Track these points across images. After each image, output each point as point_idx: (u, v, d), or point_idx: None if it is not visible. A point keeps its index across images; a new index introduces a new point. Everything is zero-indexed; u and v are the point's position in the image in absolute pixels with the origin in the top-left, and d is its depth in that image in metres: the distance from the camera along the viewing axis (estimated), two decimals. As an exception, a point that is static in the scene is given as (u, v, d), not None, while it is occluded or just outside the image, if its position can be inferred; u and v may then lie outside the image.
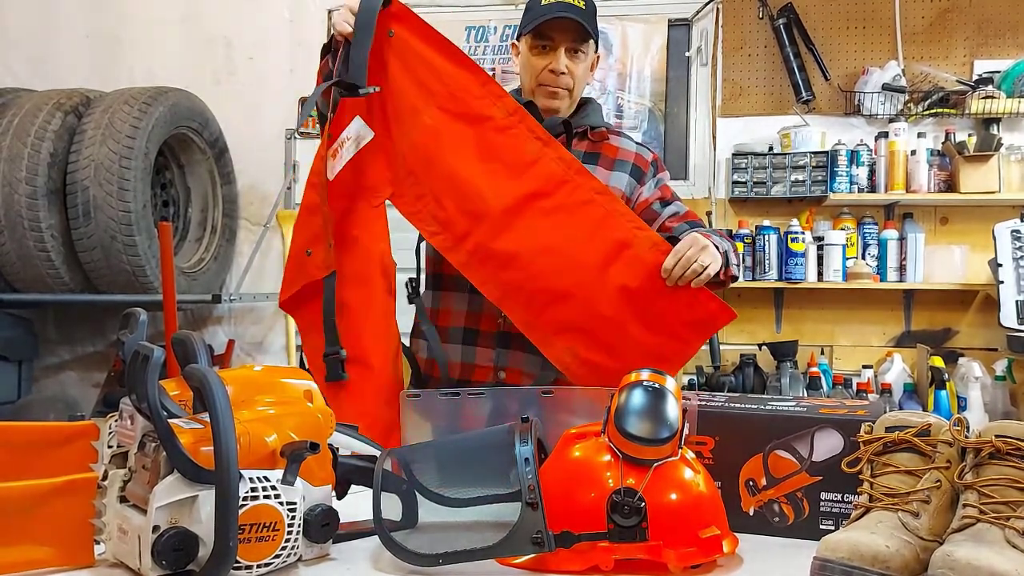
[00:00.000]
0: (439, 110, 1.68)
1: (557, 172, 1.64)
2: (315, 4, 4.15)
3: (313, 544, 1.02)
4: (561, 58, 1.79)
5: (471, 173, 1.66)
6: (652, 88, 3.99)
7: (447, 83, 1.68)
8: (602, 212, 1.63)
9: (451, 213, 1.67)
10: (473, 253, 1.66)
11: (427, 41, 1.70)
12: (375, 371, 1.67)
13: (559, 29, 1.78)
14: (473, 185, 1.66)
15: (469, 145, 1.67)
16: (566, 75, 1.80)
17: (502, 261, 1.64)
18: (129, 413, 0.99)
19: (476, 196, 1.65)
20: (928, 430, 1.02)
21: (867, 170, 3.68)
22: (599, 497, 1.00)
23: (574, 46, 1.80)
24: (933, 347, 3.59)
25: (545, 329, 1.64)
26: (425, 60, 1.70)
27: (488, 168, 1.66)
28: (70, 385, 4.23)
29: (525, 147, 1.65)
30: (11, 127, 3.45)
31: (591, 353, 1.63)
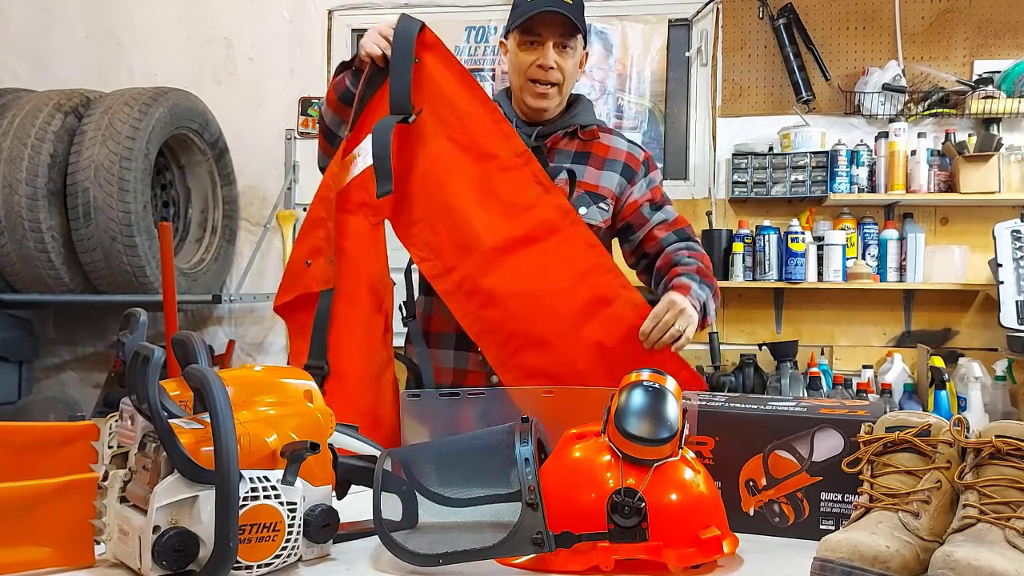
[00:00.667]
0: (448, 140, 1.70)
1: (552, 219, 1.66)
2: (315, 4, 4.15)
3: (313, 544, 1.02)
4: (550, 53, 1.78)
5: (469, 207, 1.67)
6: (652, 88, 3.99)
7: (461, 116, 1.70)
8: (590, 265, 1.65)
9: (444, 242, 1.69)
10: (459, 285, 1.67)
11: (450, 71, 1.72)
12: (349, 388, 1.65)
13: (546, 24, 1.77)
14: (469, 219, 1.67)
15: (472, 179, 1.69)
16: (555, 70, 1.79)
17: (485, 298, 1.65)
18: (129, 413, 0.99)
19: (470, 230, 1.67)
20: (928, 430, 1.02)
21: (867, 170, 3.68)
22: (599, 497, 1.00)
23: (562, 41, 1.79)
24: (933, 347, 3.59)
25: (516, 371, 1.65)
26: (444, 90, 1.71)
27: (486, 205, 1.67)
28: (70, 385, 4.23)
29: (526, 190, 1.67)
30: (11, 128, 3.45)
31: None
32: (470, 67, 4.01)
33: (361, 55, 1.73)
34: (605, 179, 1.86)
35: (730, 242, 3.72)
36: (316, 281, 1.69)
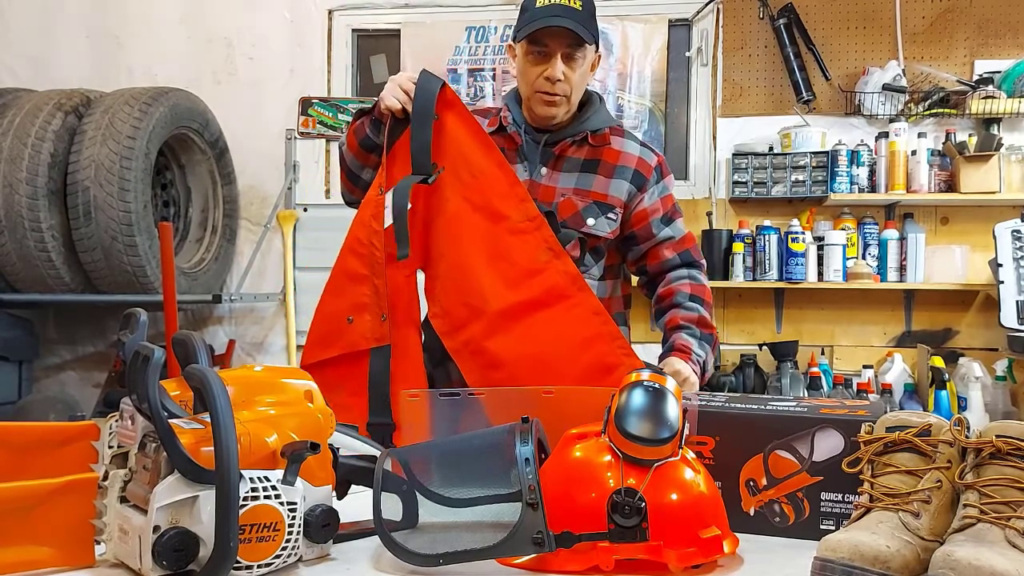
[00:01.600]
0: (464, 199, 1.71)
1: (560, 285, 1.66)
2: (315, 4, 4.16)
3: (313, 544, 1.02)
4: (557, 65, 1.74)
5: (479, 268, 1.69)
6: (652, 88, 3.99)
7: (476, 176, 1.71)
8: (594, 333, 1.65)
9: (453, 302, 1.70)
10: (466, 344, 1.69)
11: (468, 130, 1.74)
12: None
13: (554, 35, 1.73)
14: (478, 280, 1.68)
15: (483, 240, 1.70)
16: (563, 82, 1.75)
17: (490, 360, 1.67)
18: (130, 413, 0.99)
19: (479, 292, 1.68)
20: (929, 430, 1.02)
21: (867, 170, 3.68)
22: (599, 497, 1.00)
23: (570, 51, 1.75)
24: (933, 347, 3.59)
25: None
26: (462, 149, 1.73)
27: (496, 266, 1.69)
28: (70, 385, 4.23)
29: (536, 254, 1.68)
30: (12, 127, 3.45)
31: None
32: (470, 67, 4.05)
33: (381, 108, 1.73)
34: (614, 187, 1.83)
35: (730, 242, 3.72)
36: (365, 338, 1.69)
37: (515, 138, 1.85)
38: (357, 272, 1.71)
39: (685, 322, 1.79)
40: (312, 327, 1.77)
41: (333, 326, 1.72)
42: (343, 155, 1.87)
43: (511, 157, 1.83)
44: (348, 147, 1.84)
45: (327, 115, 4.04)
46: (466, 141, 1.73)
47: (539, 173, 1.83)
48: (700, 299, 1.83)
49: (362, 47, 4.21)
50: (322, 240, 4.04)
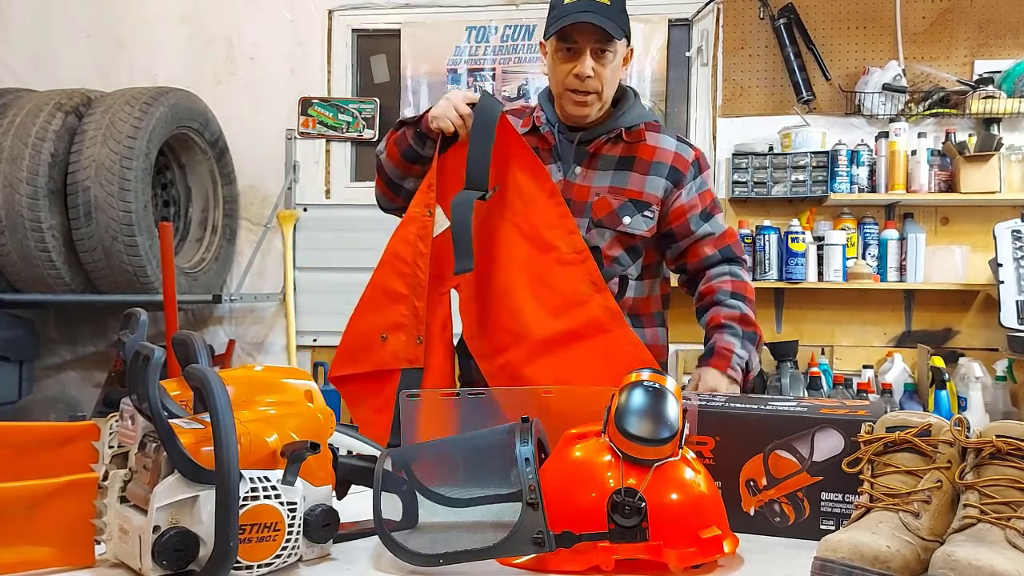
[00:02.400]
0: (513, 225, 1.72)
1: (601, 319, 1.67)
2: (315, 4, 4.16)
3: (313, 544, 1.02)
4: (587, 62, 1.71)
5: (523, 295, 1.70)
6: (652, 88, 3.99)
7: (527, 204, 1.72)
8: (630, 362, 1.64)
9: (494, 325, 1.71)
10: (503, 368, 1.69)
11: (521, 157, 1.73)
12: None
13: (583, 31, 1.70)
14: (521, 307, 1.69)
15: (530, 267, 1.71)
16: (593, 79, 1.73)
17: (525, 385, 1.66)
18: (130, 413, 0.99)
19: (521, 318, 1.68)
20: (929, 430, 1.02)
21: (867, 170, 3.68)
22: (600, 497, 1.00)
23: (600, 47, 1.72)
24: (933, 347, 3.59)
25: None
26: (515, 176, 1.73)
27: (540, 295, 1.69)
28: (71, 385, 4.23)
29: (579, 286, 1.68)
30: (12, 127, 3.45)
31: None
32: (470, 67, 4.05)
33: (431, 125, 1.72)
34: (650, 184, 1.81)
35: (730, 242, 3.72)
36: (397, 358, 1.69)
37: (548, 138, 1.83)
38: (397, 291, 1.71)
39: (727, 320, 1.77)
40: (343, 339, 1.76)
41: (365, 342, 1.72)
42: (382, 163, 1.85)
43: (544, 157, 1.81)
44: (388, 157, 1.82)
45: (327, 115, 4.05)
46: (519, 168, 1.73)
47: (573, 172, 1.81)
48: (742, 296, 1.81)
49: (362, 47, 4.21)
50: (322, 240, 4.06)
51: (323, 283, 3.97)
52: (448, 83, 4.07)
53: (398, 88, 4.11)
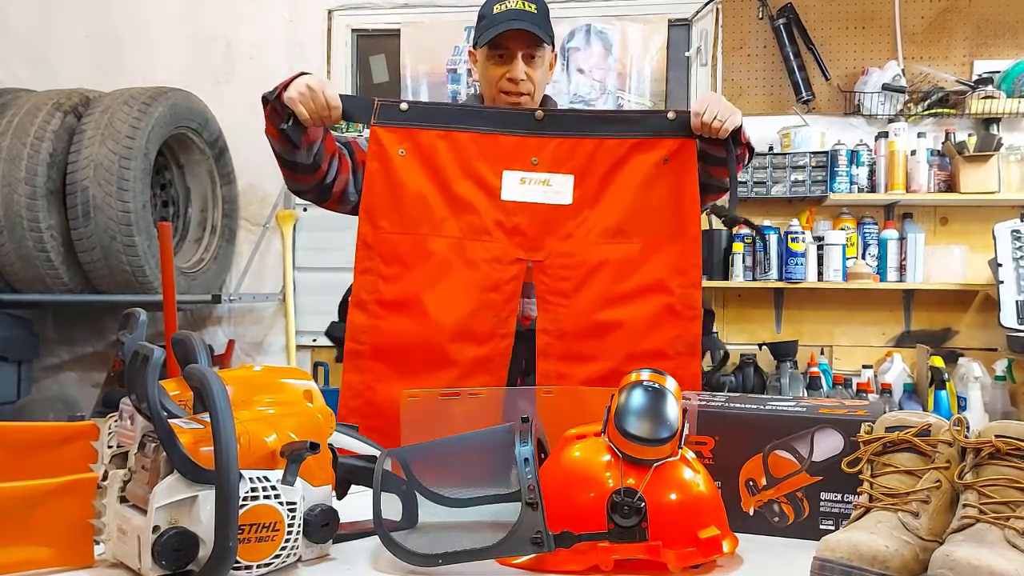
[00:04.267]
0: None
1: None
2: (315, 4, 4.16)
3: (313, 544, 1.02)
4: (519, 66, 1.83)
5: (616, 319, 1.75)
6: (652, 88, 3.99)
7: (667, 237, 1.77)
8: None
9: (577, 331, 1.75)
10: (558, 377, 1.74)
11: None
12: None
13: (513, 38, 1.82)
14: (608, 331, 1.75)
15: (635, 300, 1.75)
16: (525, 81, 1.85)
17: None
18: (129, 413, 0.99)
19: (605, 340, 1.74)
20: (928, 430, 1.02)
21: (867, 170, 3.68)
22: (599, 497, 1.00)
23: (530, 52, 1.84)
24: (933, 347, 3.59)
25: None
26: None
27: (632, 331, 1.76)
28: (70, 385, 4.23)
29: (674, 344, 1.77)
30: (11, 127, 3.44)
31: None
32: (469, 67, 4.04)
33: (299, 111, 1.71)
34: None
35: (730, 242, 3.73)
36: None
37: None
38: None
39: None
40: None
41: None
42: (270, 143, 1.86)
43: None
44: (268, 134, 1.83)
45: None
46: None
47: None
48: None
49: (362, 47, 4.21)
50: (322, 240, 4.05)
51: (322, 283, 3.95)
52: (448, 83, 4.07)
53: (398, 88, 4.11)
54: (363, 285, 1.75)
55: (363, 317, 1.74)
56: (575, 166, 1.75)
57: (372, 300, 1.74)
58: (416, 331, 1.72)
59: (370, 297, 1.74)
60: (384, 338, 1.73)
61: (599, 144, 1.76)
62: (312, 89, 1.69)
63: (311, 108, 1.69)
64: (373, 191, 1.76)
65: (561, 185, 1.75)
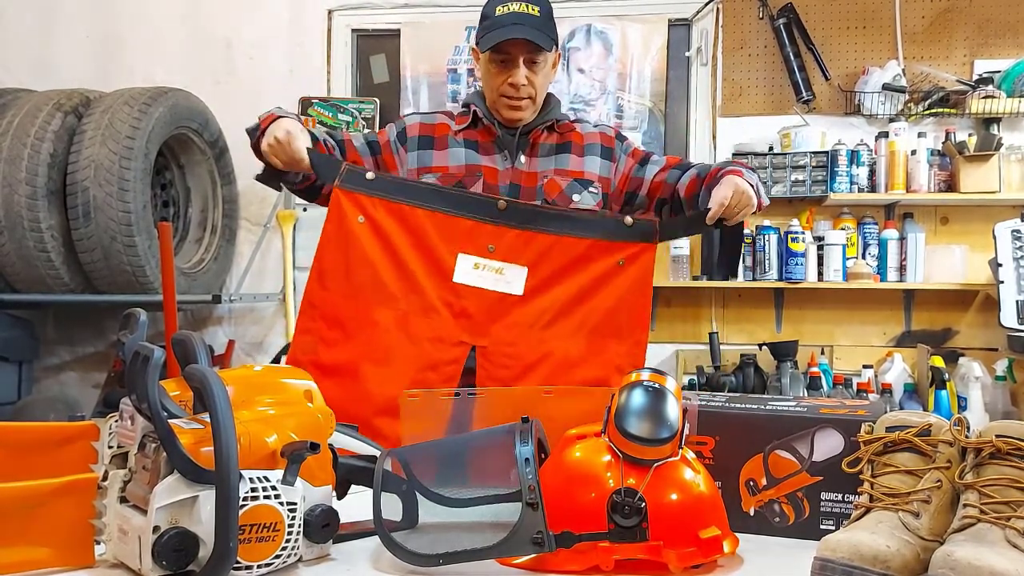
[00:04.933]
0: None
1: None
2: (315, 4, 4.16)
3: (313, 544, 1.02)
4: (520, 72, 1.84)
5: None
6: (652, 88, 3.99)
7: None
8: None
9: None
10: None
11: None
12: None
13: (515, 43, 1.82)
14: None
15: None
16: (527, 86, 1.86)
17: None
18: (129, 413, 0.99)
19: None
20: (928, 430, 1.02)
21: (867, 170, 3.68)
22: (599, 497, 1.00)
23: (531, 57, 1.85)
24: (933, 347, 3.59)
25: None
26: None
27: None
28: (70, 385, 4.23)
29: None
30: (11, 128, 3.44)
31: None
32: (469, 67, 4.05)
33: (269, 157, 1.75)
34: (588, 164, 1.94)
35: (730, 242, 3.72)
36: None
37: (491, 130, 1.93)
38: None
39: (722, 165, 1.86)
40: None
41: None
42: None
43: (489, 147, 1.93)
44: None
45: (327, 115, 4.04)
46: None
47: (519, 161, 1.93)
48: (725, 163, 1.91)
49: (362, 47, 4.21)
50: (322, 240, 4.05)
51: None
52: (448, 83, 4.07)
53: (398, 88, 4.11)
54: (301, 345, 1.76)
55: None
56: (530, 259, 1.77)
57: (308, 361, 1.72)
58: (346, 400, 1.66)
59: (307, 359, 1.73)
60: None
61: (556, 240, 1.78)
62: (279, 142, 1.72)
63: (282, 159, 1.73)
64: (325, 252, 1.78)
65: (514, 276, 1.77)
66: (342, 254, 1.77)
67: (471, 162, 1.92)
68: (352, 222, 1.77)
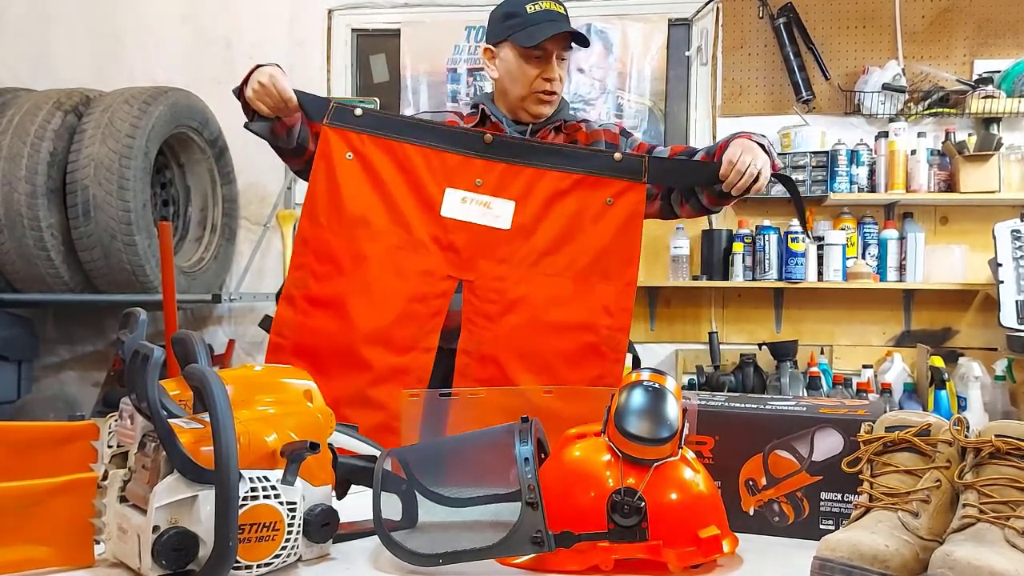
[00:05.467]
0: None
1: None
2: (315, 4, 4.15)
3: (313, 544, 1.02)
4: (555, 67, 1.90)
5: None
6: (652, 88, 3.99)
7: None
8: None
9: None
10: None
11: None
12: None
13: (552, 40, 1.86)
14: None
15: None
16: (557, 81, 1.91)
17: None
18: (129, 413, 0.98)
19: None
20: (928, 430, 1.02)
21: (867, 170, 3.68)
22: (599, 497, 1.00)
23: (561, 54, 1.91)
24: (933, 347, 3.59)
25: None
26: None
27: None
28: (70, 385, 4.23)
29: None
30: (11, 126, 3.44)
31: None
32: (470, 67, 4.05)
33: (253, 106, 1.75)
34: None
35: (730, 242, 3.73)
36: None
37: (499, 126, 1.95)
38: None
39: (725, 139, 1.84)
40: None
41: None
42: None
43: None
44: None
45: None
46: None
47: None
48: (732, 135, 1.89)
49: (362, 47, 4.21)
50: (322, 239, 4.04)
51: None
52: (448, 82, 4.07)
53: (398, 88, 4.11)
54: (294, 281, 1.77)
55: (290, 312, 1.76)
56: (517, 193, 1.77)
57: (300, 296, 1.76)
58: (335, 331, 1.72)
59: (299, 293, 1.76)
60: (306, 335, 1.74)
61: (543, 175, 1.78)
62: (263, 85, 1.71)
63: (269, 104, 1.72)
64: (316, 190, 1.78)
65: (501, 209, 1.77)
66: (330, 190, 1.77)
67: None
68: (340, 159, 1.77)
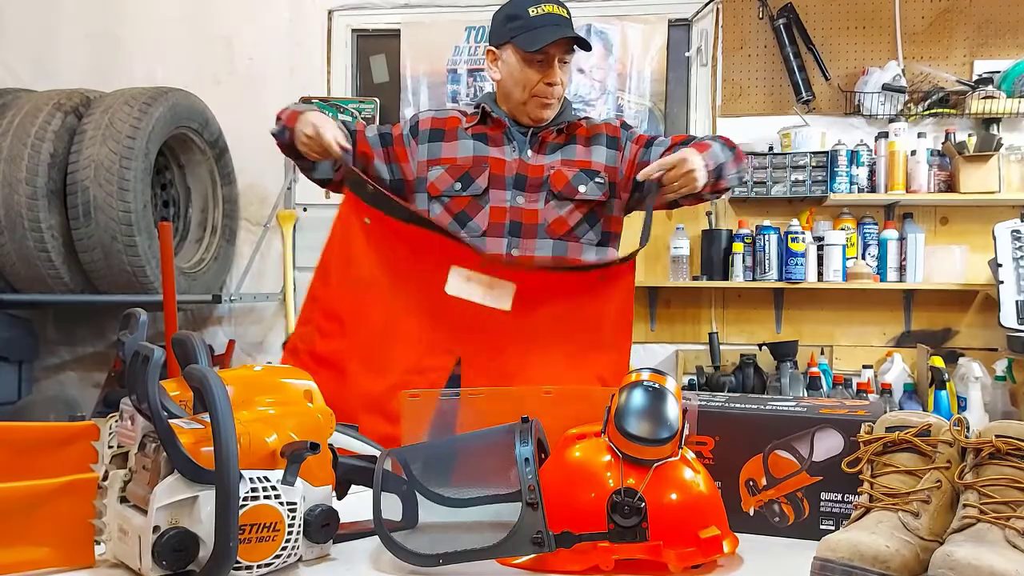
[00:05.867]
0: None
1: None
2: (315, 4, 4.15)
3: (313, 544, 1.02)
4: (557, 72, 1.91)
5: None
6: (652, 88, 3.99)
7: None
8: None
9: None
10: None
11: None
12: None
13: (555, 44, 1.87)
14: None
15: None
16: (559, 86, 1.92)
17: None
18: (129, 413, 0.99)
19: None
20: (928, 430, 1.02)
21: (867, 170, 3.68)
22: (599, 497, 1.00)
23: (564, 57, 1.92)
24: (933, 347, 3.59)
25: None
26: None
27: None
28: (70, 385, 4.23)
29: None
30: (11, 127, 3.44)
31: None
32: (470, 67, 4.05)
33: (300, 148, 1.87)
34: (595, 154, 1.98)
35: (730, 242, 3.72)
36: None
37: (501, 122, 1.98)
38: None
39: (702, 138, 1.90)
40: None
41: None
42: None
43: (498, 139, 1.98)
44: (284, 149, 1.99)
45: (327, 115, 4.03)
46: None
47: (526, 155, 1.97)
48: (715, 136, 1.94)
49: (362, 47, 4.21)
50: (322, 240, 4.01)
51: (323, 283, 3.96)
52: (448, 83, 4.07)
53: (398, 88, 4.11)
54: (301, 336, 1.84)
55: (293, 365, 1.78)
56: (519, 276, 1.82)
57: (305, 351, 1.81)
58: (334, 391, 1.71)
59: (304, 348, 1.82)
60: None
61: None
62: (311, 139, 1.83)
63: (317, 152, 1.83)
64: (331, 250, 1.86)
65: (502, 291, 1.81)
66: (345, 251, 1.83)
67: (478, 153, 1.97)
68: (358, 222, 1.84)
